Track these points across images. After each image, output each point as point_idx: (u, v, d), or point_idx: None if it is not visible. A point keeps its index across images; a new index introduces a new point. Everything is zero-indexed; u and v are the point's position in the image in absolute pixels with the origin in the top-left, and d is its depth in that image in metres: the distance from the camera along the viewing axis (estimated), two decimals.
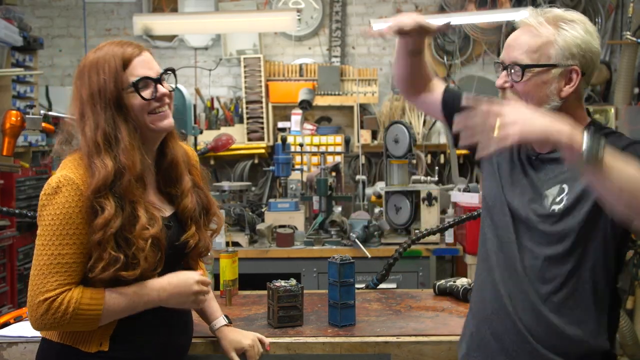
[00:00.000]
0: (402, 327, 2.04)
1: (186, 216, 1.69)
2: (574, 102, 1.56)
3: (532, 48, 1.51)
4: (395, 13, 5.55)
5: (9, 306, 3.77)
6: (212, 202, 1.78)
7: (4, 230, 3.81)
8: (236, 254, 2.42)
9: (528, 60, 1.52)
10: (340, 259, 2.07)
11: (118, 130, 1.57)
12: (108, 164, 1.53)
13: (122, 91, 1.58)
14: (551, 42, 1.50)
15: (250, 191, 4.37)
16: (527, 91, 1.52)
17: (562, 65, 1.51)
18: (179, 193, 1.69)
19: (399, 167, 3.65)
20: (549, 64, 1.51)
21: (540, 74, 1.51)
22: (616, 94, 5.11)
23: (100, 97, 1.57)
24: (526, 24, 1.55)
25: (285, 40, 5.55)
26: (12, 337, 1.94)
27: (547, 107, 1.52)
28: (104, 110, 1.56)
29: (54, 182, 1.53)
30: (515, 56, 1.53)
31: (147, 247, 1.54)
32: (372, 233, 3.57)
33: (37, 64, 4.48)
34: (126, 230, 1.53)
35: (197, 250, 1.72)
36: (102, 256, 1.51)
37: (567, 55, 1.50)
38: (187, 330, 1.78)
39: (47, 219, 1.52)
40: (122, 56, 1.59)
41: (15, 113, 2.95)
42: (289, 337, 1.97)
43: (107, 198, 1.52)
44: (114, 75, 1.57)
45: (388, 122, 4.15)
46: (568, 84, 1.52)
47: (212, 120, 5.33)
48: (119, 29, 5.56)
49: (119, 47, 1.61)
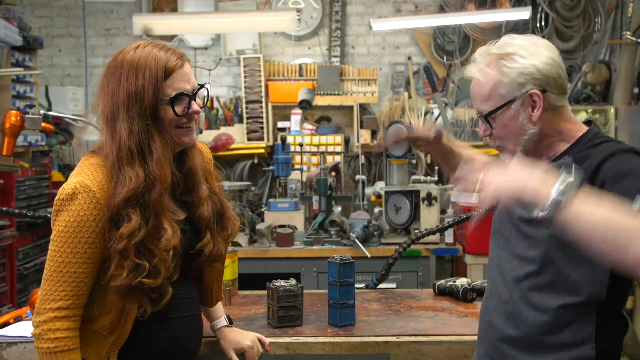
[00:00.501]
0: (402, 327, 2.04)
1: (202, 224, 1.67)
2: (554, 120, 1.56)
3: (485, 97, 1.56)
4: (395, 13, 5.55)
5: (9, 306, 3.76)
6: (227, 207, 1.75)
7: (4, 230, 3.81)
8: (236, 254, 2.42)
9: (488, 108, 1.56)
10: (340, 259, 2.07)
11: (152, 140, 1.53)
12: (140, 174, 1.50)
13: (159, 102, 1.54)
14: (497, 84, 1.54)
15: (250, 191, 4.37)
16: (502, 133, 1.58)
17: (519, 97, 1.53)
18: (195, 201, 1.66)
19: (399, 167, 3.65)
20: (504, 103, 1.54)
21: (504, 114, 1.55)
22: (616, 94, 5.11)
23: (136, 102, 1.51)
24: (471, 73, 1.59)
25: (285, 40, 5.55)
26: (12, 337, 1.94)
27: (527, 137, 1.54)
28: (139, 117, 1.52)
29: (70, 188, 1.49)
30: (478, 107, 1.60)
31: (170, 258, 1.52)
32: (372, 233, 3.57)
33: (37, 64, 4.48)
34: (149, 241, 1.50)
35: (210, 258, 1.70)
36: (123, 265, 1.48)
37: (516, 87, 1.53)
38: (197, 337, 1.77)
39: (61, 225, 1.50)
40: (166, 65, 1.54)
41: (15, 113, 2.95)
42: (289, 337, 1.96)
43: (134, 208, 1.49)
44: (155, 84, 1.52)
45: (388, 122, 4.15)
46: (535, 108, 1.53)
47: (212, 120, 5.33)
48: (118, 29, 5.57)
49: (164, 52, 1.56)
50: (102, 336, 1.57)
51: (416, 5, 5.57)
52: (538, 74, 1.52)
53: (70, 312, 1.51)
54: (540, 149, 1.58)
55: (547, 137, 1.57)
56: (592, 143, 1.53)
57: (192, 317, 1.72)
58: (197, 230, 1.67)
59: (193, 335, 1.73)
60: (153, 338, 1.62)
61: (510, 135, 1.56)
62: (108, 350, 1.58)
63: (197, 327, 1.76)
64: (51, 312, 1.49)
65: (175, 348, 1.66)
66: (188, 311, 1.69)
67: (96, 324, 1.57)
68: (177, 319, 1.65)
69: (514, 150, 1.58)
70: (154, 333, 1.62)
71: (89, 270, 1.51)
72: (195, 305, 1.75)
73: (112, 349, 1.58)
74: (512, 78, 1.52)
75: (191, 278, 1.76)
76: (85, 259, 1.50)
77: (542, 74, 1.52)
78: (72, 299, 1.50)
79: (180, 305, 1.66)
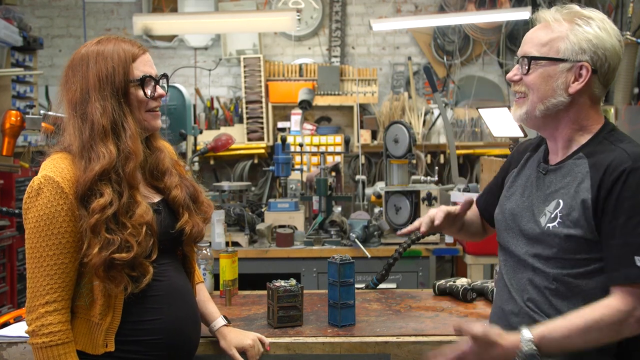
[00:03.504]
0: (402, 327, 2.04)
1: (177, 205, 1.72)
2: (586, 103, 1.56)
3: (542, 42, 1.54)
4: (395, 13, 5.55)
5: (8, 306, 3.77)
6: (199, 191, 1.81)
7: (4, 230, 3.81)
8: (236, 254, 2.42)
9: (536, 53, 1.54)
10: (340, 259, 2.07)
11: (125, 118, 1.61)
12: (113, 151, 1.57)
13: (129, 83, 1.63)
14: (562, 37, 1.52)
15: (250, 191, 4.37)
16: (532, 83, 1.55)
17: (571, 60, 1.52)
18: (167, 185, 1.73)
19: (399, 167, 3.65)
20: (556, 57, 1.52)
21: (546, 66, 1.53)
22: (616, 94, 5.10)
23: (108, 83, 1.60)
24: (543, 19, 1.57)
25: (285, 40, 5.55)
26: (12, 337, 1.94)
27: (555, 101, 1.53)
28: (111, 97, 1.60)
29: (35, 184, 1.55)
30: (525, 50, 1.57)
31: (143, 232, 1.56)
32: (372, 233, 3.57)
33: (36, 64, 4.48)
34: (122, 214, 1.55)
35: (191, 236, 1.74)
36: (94, 240, 1.52)
37: (577, 50, 1.51)
38: (196, 326, 1.77)
39: (31, 221, 1.55)
40: (131, 51, 1.65)
41: (15, 113, 2.95)
42: (289, 337, 1.97)
43: (105, 184, 1.55)
44: (124, 66, 1.62)
45: (388, 122, 4.15)
46: (577, 80, 1.52)
47: (212, 120, 5.33)
48: (118, 29, 5.57)
49: (125, 43, 1.66)
50: (95, 324, 1.59)
51: (416, 5, 5.57)
52: (601, 51, 1.52)
53: (59, 304, 1.55)
54: (558, 127, 1.57)
55: (570, 120, 1.56)
56: (607, 139, 1.54)
57: (187, 304, 1.72)
58: (173, 212, 1.72)
59: (190, 322, 1.73)
60: (149, 326, 1.62)
61: (541, 89, 1.54)
62: (104, 337, 1.59)
63: (194, 314, 1.76)
64: (41, 307, 1.54)
65: (172, 335, 1.65)
66: (182, 298, 1.70)
67: (88, 313, 1.59)
68: (172, 306, 1.65)
69: (534, 103, 1.55)
70: (150, 322, 1.62)
71: (67, 260, 1.55)
72: (189, 293, 1.76)
73: (107, 335, 1.59)
74: (578, 39, 1.51)
75: (180, 266, 1.78)
76: (61, 249, 1.54)
77: (604, 54, 1.52)
78: (57, 290, 1.54)
79: (173, 292, 1.67)
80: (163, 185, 1.73)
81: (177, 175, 1.76)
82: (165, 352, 1.64)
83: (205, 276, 2.40)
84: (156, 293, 1.64)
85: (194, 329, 1.75)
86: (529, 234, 1.59)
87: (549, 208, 1.55)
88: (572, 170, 1.55)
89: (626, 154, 1.48)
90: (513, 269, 1.63)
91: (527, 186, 1.66)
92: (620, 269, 1.44)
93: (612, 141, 1.53)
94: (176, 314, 1.66)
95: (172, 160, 1.79)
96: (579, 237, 1.48)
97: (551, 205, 1.55)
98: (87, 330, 1.59)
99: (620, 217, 1.45)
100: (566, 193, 1.53)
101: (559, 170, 1.58)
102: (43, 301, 1.54)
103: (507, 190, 1.74)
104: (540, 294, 1.54)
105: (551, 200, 1.56)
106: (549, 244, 1.52)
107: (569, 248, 1.49)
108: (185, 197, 1.74)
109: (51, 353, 1.54)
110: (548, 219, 1.54)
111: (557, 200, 1.54)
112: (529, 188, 1.65)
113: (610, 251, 1.46)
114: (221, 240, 3.26)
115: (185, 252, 1.79)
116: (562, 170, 1.57)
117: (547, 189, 1.59)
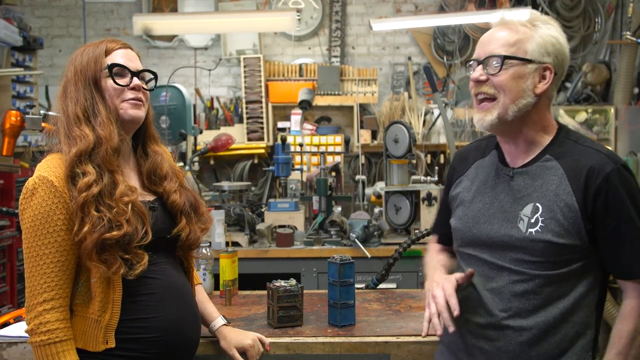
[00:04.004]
0: (402, 327, 2.04)
1: (176, 209, 1.74)
2: (545, 103, 1.58)
3: (509, 42, 1.55)
4: (395, 13, 5.55)
5: (8, 306, 3.76)
6: (200, 203, 1.82)
7: (4, 230, 3.81)
8: (236, 254, 2.42)
9: (506, 53, 1.54)
10: (340, 259, 2.07)
11: (96, 106, 1.66)
12: (88, 134, 1.63)
13: (99, 72, 1.68)
14: (528, 38, 1.54)
15: (250, 191, 4.37)
16: (504, 83, 1.53)
17: (538, 62, 1.54)
18: (166, 190, 1.74)
19: (399, 167, 3.65)
20: (526, 58, 1.53)
21: (517, 66, 1.53)
22: (616, 94, 5.11)
23: (81, 75, 1.68)
24: (504, 21, 1.59)
25: (285, 40, 5.55)
26: (12, 337, 1.94)
27: (525, 102, 1.54)
28: (84, 88, 1.67)
29: (30, 184, 1.59)
30: (491, 50, 1.56)
31: (129, 210, 1.59)
32: (372, 233, 3.57)
33: (36, 64, 4.48)
34: (106, 196, 1.59)
35: (187, 242, 1.75)
36: (85, 220, 1.55)
37: (542, 52, 1.54)
38: (196, 324, 1.77)
39: (27, 221, 1.57)
40: (107, 46, 1.72)
41: (15, 113, 2.96)
42: (289, 337, 1.97)
43: (87, 165, 1.60)
44: (95, 58, 1.69)
45: (388, 122, 4.15)
46: (542, 81, 1.54)
47: (212, 120, 5.33)
48: (118, 29, 5.57)
49: (107, 42, 1.74)
50: (94, 320, 1.60)
51: (416, 5, 5.57)
52: (561, 55, 1.56)
53: (57, 302, 1.56)
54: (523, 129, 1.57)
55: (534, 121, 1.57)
56: (570, 139, 1.57)
57: (186, 303, 1.72)
58: (171, 216, 1.74)
59: (190, 320, 1.73)
60: (147, 324, 1.63)
61: (513, 89, 1.53)
62: (104, 334, 1.59)
63: (193, 313, 1.76)
64: (39, 305, 1.55)
65: (171, 333, 1.65)
66: (181, 296, 1.71)
67: (86, 310, 1.60)
68: (170, 304, 1.66)
69: (506, 106, 1.53)
70: (148, 319, 1.63)
71: (64, 257, 1.57)
72: (188, 291, 1.76)
73: (107, 332, 1.59)
74: (544, 42, 1.54)
75: (178, 265, 1.79)
76: (58, 247, 1.56)
77: (562, 59, 1.56)
78: (55, 288, 1.56)
79: (172, 290, 1.68)
80: (162, 189, 1.74)
81: (176, 182, 1.78)
82: (164, 350, 1.64)
83: (205, 276, 2.40)
84: (154, 291, 1.64)
85: (194, 328, 1.75)
86: (505, 240, 1.55)
87: (525, 212, 1.53)
88: (543, 172, 1.55)
89: (604, 156, 1.51)
90: (487, 277, 1.58)
91: (486, 192, 1.63)
92: (629, 265, 1.48)
93: (576, 141, 1.57)
94: (175, 312, 1.67)
95: (172, 167, 1.80)
96: (564, 241, 1.49)
97: (527, 209, 1.53)
98: (86, 327, 1.60)
99: (621, 216, 1.47)
100: (543, 197, 1.52)
101: (527, 174, 1.57)
102: (41, 299, 1.55)
103: (464, 199, 1.69)
104: (523, 299, 1.52)
105: (525, 204, 1.54)
106: (533, 248, 1.51)
107: (553, 251, 1.50)
108: (185, 203, 1.75)
109: (50, 351, 1.54)
110: (528, 224, 1.52)
111: (534, 204, 1.53)
112: (492, 193, 1.62)
113: (617, 249, 1.48)
114: (221, 240, 3.26)
115: (182, 257, 1.80)
116: (530, 173, 1.57)
117: (518, 193, 1.57)
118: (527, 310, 1.52)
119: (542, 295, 1.51)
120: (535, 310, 1.51)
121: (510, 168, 1.61)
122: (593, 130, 5.23)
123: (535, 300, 1.51)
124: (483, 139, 1.77)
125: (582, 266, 1.52)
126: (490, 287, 1.57)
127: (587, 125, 5.25)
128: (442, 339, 1.68)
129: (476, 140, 1.77)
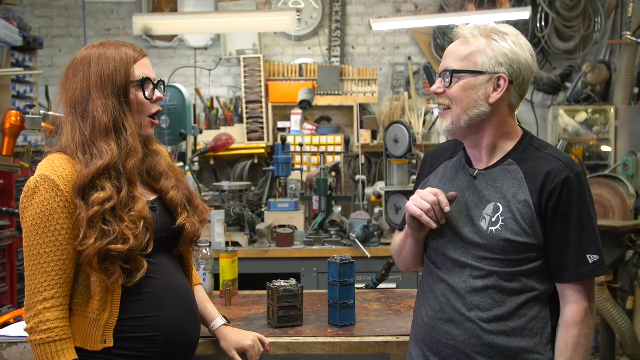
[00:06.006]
0: (402, 327, 2.04)
1: (175, 205, 1.75)
2: (505, 111, 1.65)
3: (461, 56, 1.63)
4: (395, 13, 5.55)
5: (8, 306, 3.76)
6: (194, 195, 1.83)
7: (4, 230, 3.81)
8: (236, 254, 2.42)
9: (457, 67, 1.62)
10: (340, 259, 2.07)
11: (125, 117, 1.65)
12: (114, 147, 1.61)
13: (130, 83, 1.66)
14: (480, 51, 1.61)
15: (250, 191, 4.37)
16: (455, 95, 1.63)
17: (489, 73, 1.60)
18: (164, 187, 1.75)
19: (399, 167, 3.65)
20: (475, 70, 1.61)
21: (467, 79, 1.61)
22: (616, 94, 5.11)
23: (109, 83, 1.64)
24: (462, 35, 1.65)
25: (285, 40, 5.56)
26: (12, 337, 1.94)
27: (477, 112, 1.61)
28: (112, 95, 1.64)
29: (31, 183, 1.58)
30: (447, 64, 1.65)
31: (141, 226, 1.59)
32: (372, 233, 3.57)
33: (36, 64, 4.48)
34: (120, 209, 1.58)
35: (189, 235, 1.76)
36: (90, 232, 1.54)
37: (493, 64, 1.60)
38: (195, 324, 1.77)
39: (28, 220, 1.57)
40: (133, 54, 1.69)
41: (15, 113, 2.96)
42: (289, 337, 1.97)
43: (106, 180, 1.59)
44: (125, 66, 1.66)
45: (388, 122, 4.15)
46: (496, 91, 1.61)
47: (212, 120, 5.33)
48: (118, 29, 5.57)
49: (126, 47, 1.70)
50: (93, 319, 1.60)
51: (416, 5, 5.57)
52: (516, 64, 1.61)
53: (56, 301, 1.56)
54: (483, 136, 1.65)
55: (494, 128, 1.64)
56: (532, 146, 1.65)
57: (186, 302, 1.72)
58: (170, 212, 1.75)
59: (189, 320, 1.73)
60: (147, 323, 1.63)
61: (463, 100, 1.61)
62: (102, 333, 1.59)
63: (192, 312, 1.76)
64: (39, 304, 1.55)
65: (170, 332, 1.66)
66: (180, 296, 1.71)
67: (86, 309, 1.61)
68: (170, 303, 1.66)
69: (458, 115, 1.62)
70: (147, 318, 1.63)
71: (64, 256, 1.56)
72: (188, 291, 1.77)
73: (106, 331, 1.60)
74: (495, 54, 1.60)
75: (178, 265, 1.79)
76: (58, 246, 1.56)
77: (519, 67, 1.61)
78: (54, 287, 1.56)
79: (171, 289, 1.68)
80: (160, 186, 1.75)
81: (173, 178, 1.79)
82: (163, 349, 1.64)
83: (205, 276, 2.40)
84: (153, 290, 1.64)
85: (193, 327, 1.75)
86: (469, 238, 1.63)
87: (487, 212, 1.62)
88: (505, 175, 1.63)
89: (561, 163, 1.60)
90: (451, 273, 1.65)
91: (452, 190, 1.69)
92: (574, 267, 1.56)
93: (538, 147, 1.65)
94: (174, 311, 1.67)
95: (168, 164, 1.81)
96: (522, 239, 1.57)
97: (488, 208, 1.62)
98: (85, 326, 1.60)
99: (569, 221, 1.56)
100: (503, 198, 1.61)
101: (489, 175, 1.65)
102: (41, 298, 1.55)
103: None
104: (483, 294, 1.59)
105: (487, 203, 1.62)
106: (493, 246, 1.59)
107: (512, 249, 1.58)
108: (182, 197, 1.77)
109: (49, 349, 1.55)
110: (489, 223, 1.60)
111: (495, 204, 1.61)
112: (458, 192, 1.68)
113: (561, 252, 1.57)
114: (221, 240, 3.26)
115: (182, 252, 1.81)
116: (492, 175, 1.65)
117: (481, 193, 1.65)
118: (488, 304, 1.59)
119: (502, 291, 1.59)
120: (495, 305, 1.59)
121: (474, 169, 1.69)
122: (593, 130, 5.24)
123: (496, 295, 1.59)
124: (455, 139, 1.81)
125: (540, 265, 1.60)
126: (453, 282, 1.64)
127: (587, 125, 5.25)
128: (411, 332, 1.77)
129: (450, 140, 1.83)
